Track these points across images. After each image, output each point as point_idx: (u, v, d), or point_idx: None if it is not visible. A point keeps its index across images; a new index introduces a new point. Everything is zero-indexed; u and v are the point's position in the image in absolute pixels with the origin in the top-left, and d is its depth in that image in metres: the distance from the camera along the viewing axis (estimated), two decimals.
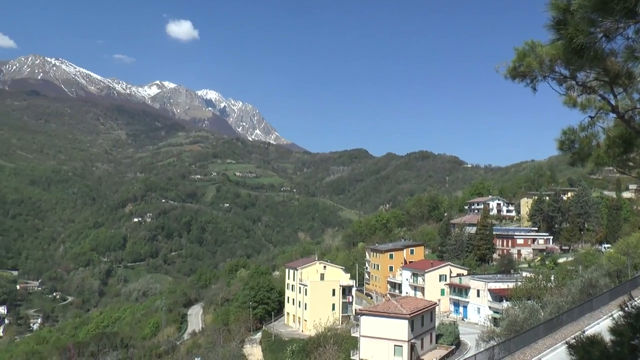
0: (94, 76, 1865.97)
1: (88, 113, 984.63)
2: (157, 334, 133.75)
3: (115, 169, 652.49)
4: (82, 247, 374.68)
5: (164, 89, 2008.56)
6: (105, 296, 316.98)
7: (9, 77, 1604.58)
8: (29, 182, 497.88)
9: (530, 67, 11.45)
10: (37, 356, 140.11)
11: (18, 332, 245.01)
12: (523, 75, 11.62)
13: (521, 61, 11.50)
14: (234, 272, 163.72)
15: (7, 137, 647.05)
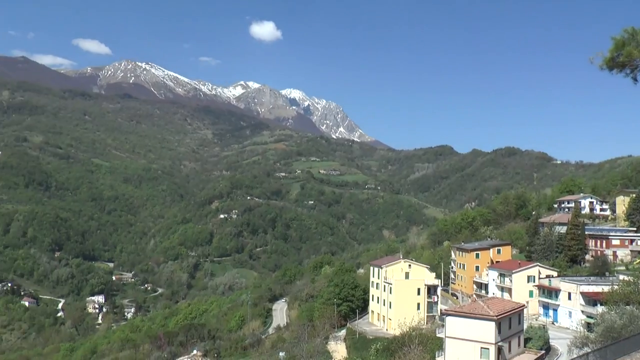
0: (181, 79, 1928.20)
1: (176, 114, 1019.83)
2: (242, 327, 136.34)
3: (202, 167, 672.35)
4: (171, 241, 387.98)
5: (248, 89, 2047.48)
6: (193, 289, 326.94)
7: (104, 82, 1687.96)
8: (123, 179, 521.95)
9: (631, 56, 10.61)
10: (131, 343, 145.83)
11: (114, 320, 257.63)
12: (622, 65, 10.80)
13: (619, 50, 10.68)
14: (319, 268, 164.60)
15: (103, 138, 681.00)
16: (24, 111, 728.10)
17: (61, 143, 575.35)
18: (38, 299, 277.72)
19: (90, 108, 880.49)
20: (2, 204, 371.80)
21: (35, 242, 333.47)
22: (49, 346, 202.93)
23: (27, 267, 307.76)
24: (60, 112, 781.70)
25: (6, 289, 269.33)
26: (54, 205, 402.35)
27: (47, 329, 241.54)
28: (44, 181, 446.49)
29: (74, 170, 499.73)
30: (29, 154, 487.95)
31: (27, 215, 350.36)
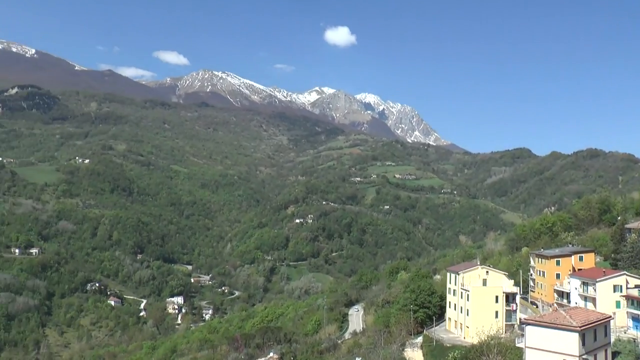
0: (256, 86, 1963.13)
1: (252, 121, 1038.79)
2: (318, 331, 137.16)
3: (278, 172, 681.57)
4: (248, 245, 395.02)
5: (323, 95, 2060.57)
6: (269, 292, 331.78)
7: (183, 92, 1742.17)
8: (200, 185, 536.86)
9: None
10: (209, 344, 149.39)
11: (193, 321, 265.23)
12: None
13: None
14: (395, 274, 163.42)
15: (181, 145, 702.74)
16: (109, 121, 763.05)
17: (143, 151, 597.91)
18: (123, 299, 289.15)
19: (169, 117, 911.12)
20: (90, 208, 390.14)
21: (120, 245, 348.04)
22: (133, 344, 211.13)
23: (112, 268, 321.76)
24: (142, 122, 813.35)
25: (94, 288, 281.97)
26: (136, 210, 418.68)
27: (130, 327, 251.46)
28: (127, 187, 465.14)
29: (155, 177, 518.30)
30: (113, 161, 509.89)
31: (112, 219, 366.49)
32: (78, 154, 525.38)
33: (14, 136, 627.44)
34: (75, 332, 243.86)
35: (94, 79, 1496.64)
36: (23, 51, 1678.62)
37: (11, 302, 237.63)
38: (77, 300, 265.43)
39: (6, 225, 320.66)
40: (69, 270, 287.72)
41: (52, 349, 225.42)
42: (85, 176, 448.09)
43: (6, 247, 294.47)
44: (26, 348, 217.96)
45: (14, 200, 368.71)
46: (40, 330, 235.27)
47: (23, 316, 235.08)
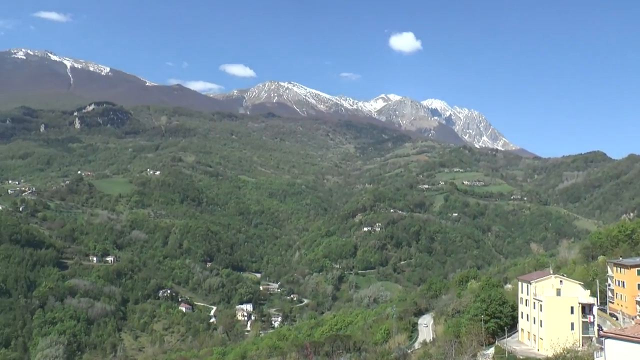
0: (322, 95, 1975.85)
1: (318, 130, 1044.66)
2: (388, 340, 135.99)
3: (345, 180, 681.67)
4: (316, 253, 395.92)
5: (389, 102, 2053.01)
6: (337, 300, 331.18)
7: (250, 103, 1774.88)
8: (268, 194, 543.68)
9: None
10: (279, 351, 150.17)
11: (262, 328, 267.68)
12: None
13: None
14: (464, 283, 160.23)
15: (249, 156, 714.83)
16: (179, 134, 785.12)
17: (211, 162, 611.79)
18: (193, 305, 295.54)
19: (236, 128, 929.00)
20: (161, 218, 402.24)
21: (190, 253, 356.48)
22: (204, 349, 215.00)
23: (183, 275, 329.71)
24: (210, 133, 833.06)
25: (166, 295, 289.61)
26: (205, 219, 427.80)
27: (201, 333, 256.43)
28: (196, 197, 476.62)
29: (223, 187, 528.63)
30: (183, 172, 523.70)
31: (183, 228, 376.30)
32: (149, 166, 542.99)
33: (91, 150, 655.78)
34: (149, 336, 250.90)
35: (164, 93, 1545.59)
36: (99, 70, 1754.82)
37: (90, 307, 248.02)
38: (150, 306, 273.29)
39: (85, 235, 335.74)
40: (142, 278, 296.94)
41: (127, 352, 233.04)
42: (156, 187, 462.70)
43: (85, 255, 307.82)
44: (104, 351, 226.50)
45: (91, 211, 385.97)
46: (117, 334, 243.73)
47: (101, 320, 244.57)
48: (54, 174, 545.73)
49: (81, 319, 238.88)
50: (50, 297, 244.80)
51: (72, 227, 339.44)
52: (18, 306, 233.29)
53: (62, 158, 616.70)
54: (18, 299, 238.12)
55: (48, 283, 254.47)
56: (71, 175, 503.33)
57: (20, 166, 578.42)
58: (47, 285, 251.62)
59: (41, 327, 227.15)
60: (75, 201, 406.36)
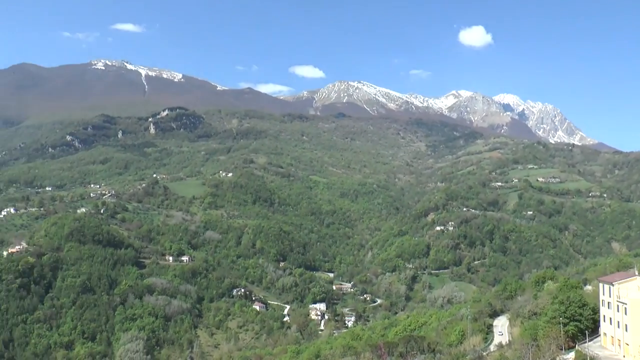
0: (392, 94, 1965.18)
1: (389, 129, 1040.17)
2: (462, 342, 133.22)
3: (417, 179, 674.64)
4: (388, 253, 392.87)
5: (460, 98, 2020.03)
6: (411, 301, 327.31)
7: (320, 104, 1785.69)
8: (340, 194, 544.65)
9: None
10: (352, 351, 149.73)
11: (336, 327, 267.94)
12: None
13: None
14: (541, 284, 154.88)
15: (320, 156, 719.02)
16: (250, 136, 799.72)
17: (282, 163, 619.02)
18: (267, 304, 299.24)
19: (307, 129, 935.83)
20: (234, 219, 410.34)
21: (263, 253, 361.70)
22: (278, 347, 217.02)
23: (256, 275, 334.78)
24: (281, 135, 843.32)
25: (240, 294, 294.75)
26: (277, 219, 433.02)
27: (275, 331, 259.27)
28: (268, 198, 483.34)
29: (295, 187, 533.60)
30: (255, 174, 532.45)
31: (255, 228, 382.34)
32: (222, 168, 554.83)
33: (166, 154, 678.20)
34: (224, 334, 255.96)
35: (234, 97, 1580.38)
36: (172, 77, 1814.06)
37: (167, 304, 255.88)
38: (224, 305, 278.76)
39: (161, 235, 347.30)
40: (216, 277, 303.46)
41: (203, 348, 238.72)
42: (228, 189, 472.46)
43: (161, 255, 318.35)
44: (181, 346, 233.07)
45: (167, 213, 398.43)
46: (193, 331, 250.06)
47: (178, 318, 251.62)
48: (131, 177, 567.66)
49: (159, 315, 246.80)
50: (130, 294, 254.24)
51: (149, 228, 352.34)
52: (101, 303, 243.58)
53: (139, 162, 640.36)
54: (101, 296, 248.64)
55: (128, 281, 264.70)
56: (147, 179, 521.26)
57: (100, 171, 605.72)
58: (127, 284, 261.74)
59: (122, 323, 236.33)
60: (151, 203, 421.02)
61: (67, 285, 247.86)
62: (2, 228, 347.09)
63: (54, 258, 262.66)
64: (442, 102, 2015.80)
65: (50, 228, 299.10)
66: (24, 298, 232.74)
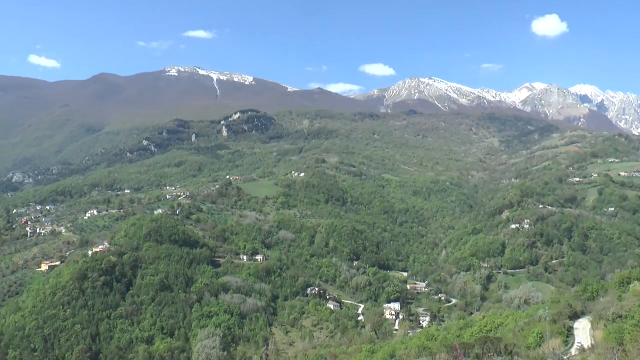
0: (464, 89, 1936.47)
1: (461, 124, 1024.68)
2: (541, 344, 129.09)
3: (490, 176, 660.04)
4: (462, 252, 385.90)
5: (534, 91, 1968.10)
6: (486, 301, 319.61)
7: (390, 102, 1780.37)
8: (412, 192, 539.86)
9: None
10: (427, 351, 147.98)
11: (410, 327, 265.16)
12: None
13: None
14: (626, 284, 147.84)
15: (392, 154, 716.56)
16: (321, 136, 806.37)
17: (354, 162, 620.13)
18: (341, 303, 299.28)
19: (378, 127, 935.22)
20: (307, 218, 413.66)
21: (336, 252, 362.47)
22: (352, 346, 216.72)
23: (330, 274, 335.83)
24: (352, 134, 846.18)
25: (314, 292, 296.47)
26: (350, 218, 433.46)
27: (349, 330, 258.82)
28: (340, 197, 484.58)
29: (367, 186, 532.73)
30: (327, 173, 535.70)
31: (328, 228, 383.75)
32: (294, 169, 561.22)
33: (238, 156, 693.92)
34: (299, 332, 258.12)
35: (305, 98, 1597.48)
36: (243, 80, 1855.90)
37: (242, 302, 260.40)
38: (298, 303, 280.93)
39: (235, 235, 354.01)
40: (290, 276, 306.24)
41: (278, 346, 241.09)
42: (301, 188, 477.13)
43: (236, 254, 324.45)
44: (257, 344, 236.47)
45: (240, 213, 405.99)
46: (268, 328, 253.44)
47: (252, 315, 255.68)
48: (205, 179, 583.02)
49: (234, 313, 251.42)
50: (206, 292, 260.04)
51: (223, 228, 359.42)
52: (179, 300, 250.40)
53: (212, 164, 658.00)
54: (178, 293, 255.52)
55: (203, 280, 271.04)
56: (220, 180, 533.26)
57: (175, 173, 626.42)
58: (203, 282, 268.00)
59: (199, 320, 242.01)
60: (225, 204, 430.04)
61: (147, 283, 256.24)
62: (87, 229, 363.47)
63: (133, 257, 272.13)
64: (515, 96, 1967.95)
65: (129, 228, 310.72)
66: (107, 295, 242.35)
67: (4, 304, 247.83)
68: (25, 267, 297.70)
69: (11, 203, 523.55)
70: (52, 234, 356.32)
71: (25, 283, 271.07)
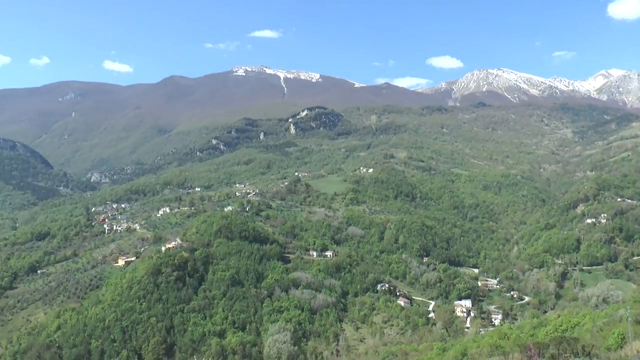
0: (534, 79, 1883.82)
1: (532, 116, 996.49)
2: (623, 346, 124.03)
3: (563, 168, 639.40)
4: (535, 248, 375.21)
5: (610, 78, 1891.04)
6: (561, 299, 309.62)
7: (458, 94, 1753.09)
8: (482, 187, 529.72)
9: None
10: (500, 350, 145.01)
11: (482, 325, 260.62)
12: None
13: None
14: None
15: (461, 148, 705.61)
16: (389, 131, 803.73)
17: (423, 156, 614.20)
18: (411, 300, 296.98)
19: (446, 121, 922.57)
20: (376, 214, 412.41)
21: (406, 248, 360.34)
22: (423, 343, 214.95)
23: (400, 270, 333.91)
24: (420, 128, 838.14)
25: (384, 289, 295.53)
26: (419, 214, 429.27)
27: (420, 327, 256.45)
28: (409, 192, 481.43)
29: (436, 181, 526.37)
30: (395, 168, 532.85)
31: (398, 223, 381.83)
32: (362, 165, 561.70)
33: (306, 153, 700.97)
34: (369, 328, 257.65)
35: (372, 93, 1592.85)
36: (309, 77, 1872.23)
37: (313, 298, 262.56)
38: (369, 299, 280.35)
39: (304, 231, 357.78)
40: (360, 272, 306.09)
41: (348, 342, 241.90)
42: (369, 184, 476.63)
43: (305, 250, 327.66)
44: (327, 339, 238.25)
45: (309, 209, 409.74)
46: (338, 324, 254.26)
47: (323, 311, 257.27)
48: (273, 176, 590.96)
49: (305, 308, 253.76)
50: (277, 288, 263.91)
51: (293, 224, 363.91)
52: (250, 295, 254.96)
53: (280, 162, 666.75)
54: (249, 289, 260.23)
55: (274, 275, 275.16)
56: (289, 177, 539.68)
57: (244, 171, 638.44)
58: (273, 277, 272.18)
59: (270, 315, 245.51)
60: (294, 200, 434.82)
61: (218, 278, 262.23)
62: (160, 226, 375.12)
63: (205, 253, 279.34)
64: (590, 84, 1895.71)
65: (200, 225, 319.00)
66: (180, 289, 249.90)
67: (87, 297, 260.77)
68: (103, 262, 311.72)
69: (90, 202, 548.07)
70: (127, 231, 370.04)
71: (104, 277, 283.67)
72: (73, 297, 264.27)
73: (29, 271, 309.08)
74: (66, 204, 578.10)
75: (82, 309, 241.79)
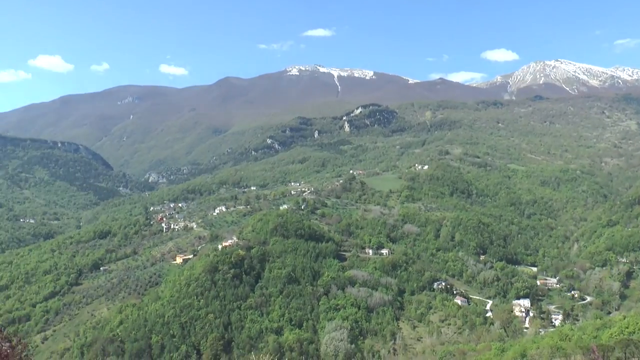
0: (595, 69, 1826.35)
1: (592, 108, 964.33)
2: None
3: (627, 162, 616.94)
4: (597, 246, 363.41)
5: None
6: (627, 299, 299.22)
7: (514, 88, 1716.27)
8: (540, 182, 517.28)
9: None
10: (561, 352, 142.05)
11: (542, 326, 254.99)
12: None
13: None
14: None
15: (517, 143, 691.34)
16: (444, 127, 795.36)
17: (478, 152, 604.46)
18: (468, 299, 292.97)
19: (502, 115, 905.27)
20: (432, 211, 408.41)
21: (462, 246, 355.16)
22: (481, 343, 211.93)
23: (456, 268, 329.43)
24: (475, 124, 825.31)
25: (441, 287, 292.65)
26: (475, 211, 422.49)
27: (478, 327, 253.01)
28: (465, 189, 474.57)
29: (492, 177, 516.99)
30: (451, 165, 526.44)
31: (454, 221, 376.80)
32: (417, 161, 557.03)
33: (361, 151, 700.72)
34: (426, 327, 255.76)
35: (426, 89, 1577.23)
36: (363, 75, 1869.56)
37: (369, 296, 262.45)
38: (425, 298, 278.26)
39: (360, 229, 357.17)
40: (416, 270, 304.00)
41: (405, 340, 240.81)
42: (425, 181, 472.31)
43: (361, 248, 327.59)
44: (384, 338, 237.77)
45: (364, 207, 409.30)
46: (395, 323, 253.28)
47: (380, 309, 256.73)
48: (328, 174, 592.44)
49: (361, 307, 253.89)
50: (333, 286, 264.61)
51: (348, 222, 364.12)
52: (306, 293, 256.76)
53: (335, 160, 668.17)
54: (305, 286, 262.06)
55: (330, 273, 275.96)
56: (344, 175, 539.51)
57: (299, 169, 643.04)
58: (330, 275, 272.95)
59: (326, 312, 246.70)
60: (349, 198, 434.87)
61: (274, 276, 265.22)
62: (216, 224, 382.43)
63: (261, 251, 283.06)
64: None
65: (256, 224, 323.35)
66: (237, 287, 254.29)
67: (147, 294, 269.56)
68: (162, 260, 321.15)
69: (148, 201, 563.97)
70: (185, 229, 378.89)
71: (163, 274, 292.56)
72: (134, 294, 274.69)
73: (93, 268, 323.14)
74: (126, 203, 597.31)
75: (142, 305, 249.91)
